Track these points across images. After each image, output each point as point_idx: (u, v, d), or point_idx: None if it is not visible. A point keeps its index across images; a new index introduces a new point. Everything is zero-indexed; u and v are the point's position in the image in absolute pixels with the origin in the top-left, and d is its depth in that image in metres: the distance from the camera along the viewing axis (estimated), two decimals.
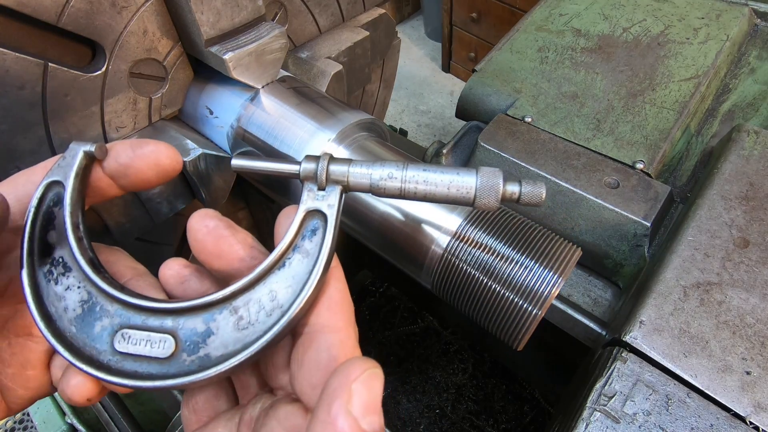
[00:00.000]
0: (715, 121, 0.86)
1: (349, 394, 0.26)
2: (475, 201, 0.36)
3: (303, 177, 0.35)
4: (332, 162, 0.36)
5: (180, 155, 0.37)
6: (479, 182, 0.36)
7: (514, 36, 0.99)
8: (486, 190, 0.36)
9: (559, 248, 0.48)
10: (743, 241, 0.61)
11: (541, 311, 0.46)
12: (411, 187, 0.36)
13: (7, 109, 0.44)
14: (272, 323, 0.31)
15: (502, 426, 1.37)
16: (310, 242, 0.34)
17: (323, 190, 0.35)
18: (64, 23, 0.45)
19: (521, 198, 0.36)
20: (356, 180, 0.36)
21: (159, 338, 0.31)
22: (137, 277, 0.37)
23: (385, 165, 0.36)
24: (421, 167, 0.36)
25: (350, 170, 0.36)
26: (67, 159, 0.34)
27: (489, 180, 0.36)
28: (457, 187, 0.36)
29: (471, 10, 2.71)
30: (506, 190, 0.36)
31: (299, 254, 0.33)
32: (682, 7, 0.98)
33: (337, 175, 0.35)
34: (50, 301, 0.33)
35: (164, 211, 0.59)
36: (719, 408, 0.50)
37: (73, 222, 0.33)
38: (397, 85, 3.02)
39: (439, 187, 0.36)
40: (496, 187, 0.36)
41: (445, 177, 0.36)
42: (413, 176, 0.36)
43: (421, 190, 0.36)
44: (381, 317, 1.58)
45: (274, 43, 0.56)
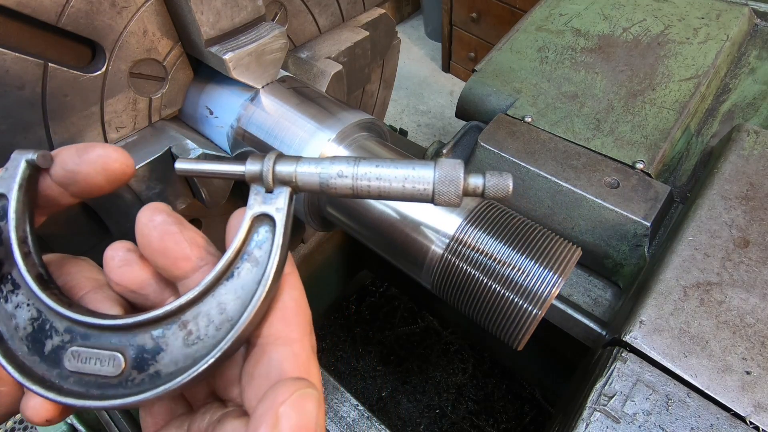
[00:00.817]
0: (715, 121, 0.86)
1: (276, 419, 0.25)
2: (434, 197, 0.33)
3: (248, 179, 0.33)
4: (279, 161, 0.33)
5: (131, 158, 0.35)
6: (437, 176, 0.32)
7: (514, 36, 0.99)
8: (445, 184, 0.32)
9: (559, 248, 0.48)
10: (743, 240, 0.61)
11: (541, 311, 0.46)
12: (363, 185, 0.33)
13: (7, 109, 0.44)
14: (221, 337, 0.30)
15: (502, 426, 1.37)
16: (259, 249, 0.32)
17: (271, 192, 0.33)
18: (64, 23, 0.45)
19: (485, 192, 0.32)
20: (304, 180, 0.33)
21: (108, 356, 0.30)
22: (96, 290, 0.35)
23: (335, 161, 0.33)
24: (374, 163, 0.33)
25: (297, 170, 0.33)
26: (9, 170, 0.32)
27: (448, 173, 0.32)
28: (413, 182, 0.33)
29: (471, 10, 2.71)
30: (468, 183, 0.33)
31: (248, 263, 0.31)
32: (682, 7, 0.98)
33: (284, 175, 0.33)
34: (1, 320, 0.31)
35: None
36: (719, 408, 0.50)
37: (18, 237, 0.32)
38: (397, 85, 3.02)
39: (394, 184, 0.33)
40: (457, 181, 0.32)
41: (399, 172, 0.33)
42: (365, 173, 0.33)
43: (374, 187, 0.33)
44: (381, 317, 1.58)
45: (274, 43, 0.56)
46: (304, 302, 0.34)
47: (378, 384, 1.47)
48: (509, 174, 0.33)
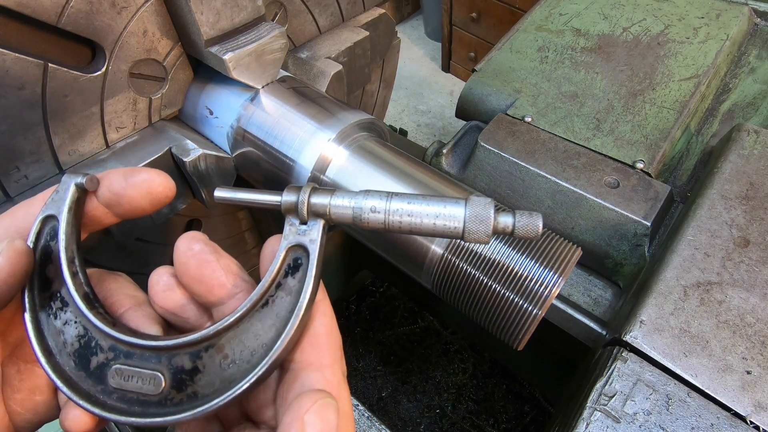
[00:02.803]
0: (715, 120, 0.86)
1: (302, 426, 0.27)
2: (464, 235, 0.33)
3: (284, 210, 0.34)
4: (314, 194, 0.34)
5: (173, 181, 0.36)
6: (468, 215, 0.33)
7: (514, 36, 0.99)
8: (475, 223, 0.33)
9: (559, 248, 0.48)
10: (743, 240, 0.61)
11: (542, 311, 0.46)
12: (395, 221, 0.34)
13: (7, 109, 0.44)
14: (256, 362, 0.31)
15: (502, 426, 1.37)
16: (293, 279, 0.33)
17: (305, 224, 0.34)
18: (64, 24, 0.45)
19: (515, 231, 0.33)
20: (338, 213, 0.34)
21: (149, 375, 0.31)
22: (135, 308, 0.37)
23: (368, 196, 0.34)
24: (406, 199, 0.34)
25: (331, 203, 0.34)
26: (60, 193, 0.34)
27: (479, 213, 0.33)
28: (444, 220, 0.33)
29: (471, 10, 2.71)
30: (498, 222, 0.33)
31: (282, 292, 0.33)
32: (682, 6, 0.98)
33: (318, 208, 0.34)
34: (51, 336, 0.33)
35: (164, 211, 0.59)
36: (719, 407, 0.50)
37: (68, 257, 0.33)
38: (397, 85, 3.02)
39: (425, 221, 0.34)
40: (487, 221, 0.33)
41: (431, 209, 0.34)
42: (397, 209, 0.34)
43: (406, 223, 0.34)
44: (381, 317, 1.58)
45: (274, 43, 0.56)
46: (335, 329, 0.35)
47: (378, 384, 1.47)
48: (539, 214, 0.34)
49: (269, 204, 0.35)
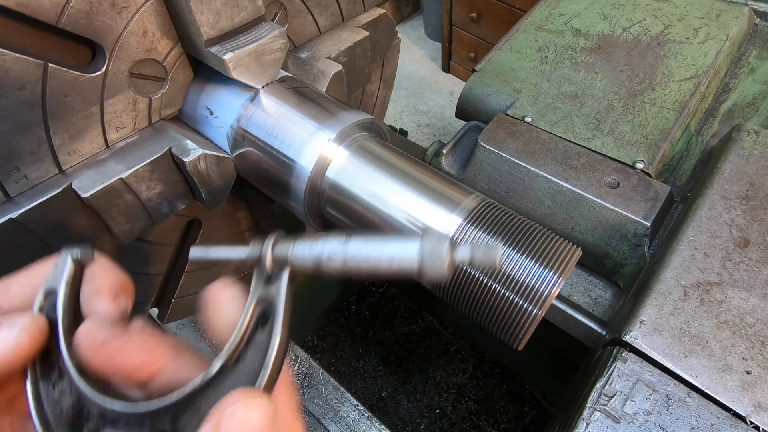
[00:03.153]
0: (715, 120, 0.86)
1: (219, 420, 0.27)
2: (421, 274, 0.33)
3: (250, 264, 0.35)
4: (276, 246, 0.35)
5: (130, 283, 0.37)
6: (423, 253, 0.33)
7: (513, 36, 0.99)
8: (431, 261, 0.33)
9: (559, 248, 0.48)
10: (743, 240, 0.61)
11: (542, 311, 0.46)
12: (353, 266, 0.35)
13: (7, 109, 0.44)
14: None
15: (502, 426, 1.37)
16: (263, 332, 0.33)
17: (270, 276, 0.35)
18: (64, 24, 0.45)
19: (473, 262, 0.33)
20: (299, 263, 0.35)
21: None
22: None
23: (327, 242, 0.35)
24: (363, 241, 0.35)
25: (292, 254, 0.35)
26: (58, 267, 0.36)
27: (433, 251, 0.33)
28: (399, 261, 0.34)
29: (471, 10, 2.71)
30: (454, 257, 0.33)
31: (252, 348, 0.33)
32: (682, 6, 0.98)
33: (281, 259, 0.35)
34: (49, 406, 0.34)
35: (164, 211, 0.59)
36: (719, 408, 0.50)
37: (65, 328, 0.34)
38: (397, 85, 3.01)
39: (381, 264, 0.34)
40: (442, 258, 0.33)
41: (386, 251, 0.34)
42: (354, 254, 0.35)
43: (363, 267, 0.35)
44: (381, 317, 1.58)
45: (273, 43, 0.56)
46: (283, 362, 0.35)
47: (378, 384, 1.47)
48: (497, 243, 0.34)
49: (237, 259, 0.36)
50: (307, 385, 0.77)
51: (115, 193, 0.53)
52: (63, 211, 0.51)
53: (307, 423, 0.74)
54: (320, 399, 0.76)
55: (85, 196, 0.50)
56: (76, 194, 0.50)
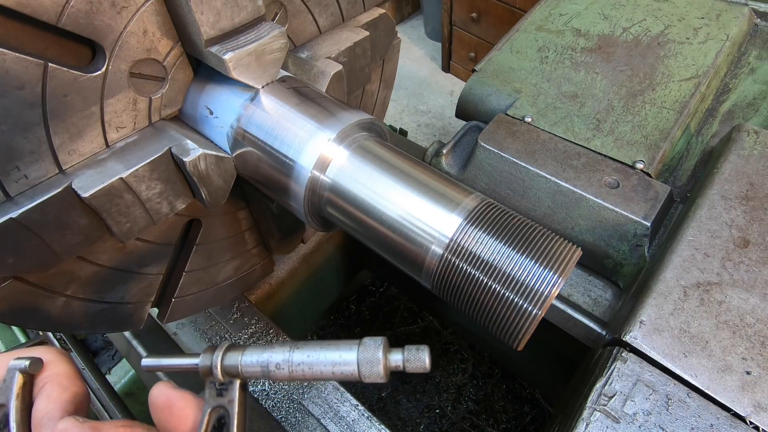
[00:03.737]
0: (715, 120, 0.86)
1: None
2: (360, 377, 0.36)
3: (202, 374, 0.37)
4: (226, 356, 0.37)
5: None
6: (360, 357, 0.36)
7: (514, 36, 0.99)
8: (367, 366, 0.36)
9: (559, 248, 0.48)
10: (743, 240, 0.61)
11: (541, 311, 0.46)
12: (299, 373, 0.37)
13: (7, 109, 0.44)
14: None
15: (502, 426, 1.37)
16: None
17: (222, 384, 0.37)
18: (64, 23, 0.45)
19: (406, 367, 0.36)
20: (249, 372, 0.37)
21: None
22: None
23: (274, 353, 0.37)
24: (306, 352, 0.37)
25: (241, 363, 0.37)
26: (6, 381, 0.36)
27: (368, 357, 0.36)
28: (341, 367, 0.37)
29: (471, 10, 2.71)
30: (389, 361, 0.36)
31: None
32: (682, 7, 0.98)
33: (231, 369, 0.37)
34: None
35: (164, 211, 0.59)
36: (719, 408, 0.50)
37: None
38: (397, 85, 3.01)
39: (324, 370, 0.37)
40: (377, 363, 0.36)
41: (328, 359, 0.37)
42: (299, 363, 0.37)
43: (308, 373, 0.37)
44: (381, 317, 1.58)
45: (274, 43, 0.56)
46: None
47: (378, 384, 1.47)
48: (425, 347, 0.37)
49: (189, 367, 0.38)
50: (307, 385, 0.77)
51: (115, 192, 0.53)
52: (63, 211, 0.51)
53: (307, 423, 0.74)
54: (320, 399, 0.76)
55: (85, 195, 0.50)
56: (76, 194, 0.50)
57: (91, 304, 0.62)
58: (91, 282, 0.60)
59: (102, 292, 0.62)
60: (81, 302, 0.60)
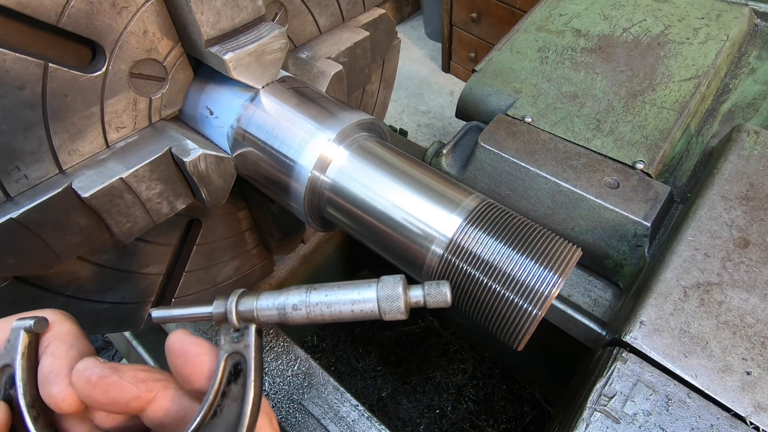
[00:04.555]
0: (715, 121, 0.86)
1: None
2: (381, 315, 0.36)
3: (216, 321, 0.36)
4: (240, 302, 0.36)
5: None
6: (380, 296, 0.36)
7: (514, 36, 0.99)
8: (388, 302, 0.35)
9: (559, 248, 0.48)
10: (743, 241, 0.61)
11: (541, 311, 0.46)
12: (317, 314, 0.36)
13: (7, 109, 0.44)
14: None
15: (502, 426, 1.37)
16: (236, 385, 0.35)
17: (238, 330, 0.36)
18: (64, 24, 0.45)
19: (426, 302, 0.36)
20: (265, 316, 0.36)
21: None
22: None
23: (290, 295, 0.37)
24: (324, 292, 0.36)
25: (257, 308, 0.36)
26: (11, 341, 0.35)
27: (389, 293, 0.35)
28: (360, 305, 0.36)
29: (471, 10, 2.71)
30: (410, 298, 0.36)
31: (228, 399, 0.34)
32: (682, 7, 0.98)
33: (246, 314, 0.36)
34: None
35: (164, 211, 0.59)
36: (719, 408, 0.50)
37: (27, 402, 0.34)
38: (397, 85, 3.02)
39: (344, 307, 0.36)
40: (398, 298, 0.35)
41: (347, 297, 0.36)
42: (317, 303, 0.36)
43: (327, 313, 0.36)
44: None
45: (274, 43, 0.56)
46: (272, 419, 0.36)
47: (378, 384, 1.47)
48: (446, 282, 0.36)
49: (202, 316, 0.37)
50: (307, 385, 0.77)
51: (115, 193, 0.53)
52: (63, 211, 0.51)
53: (307, 423, 0.74)
54: (320, 399, 0.76)
55: (85, 195, 0.50)
56: (76, 194, 0.50)
57: (91, 304, 0.62)
58: (91, 282, 0.60)
59: (102, 292, 0.62)
60: (81, 302, 0.60)
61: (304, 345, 1.54)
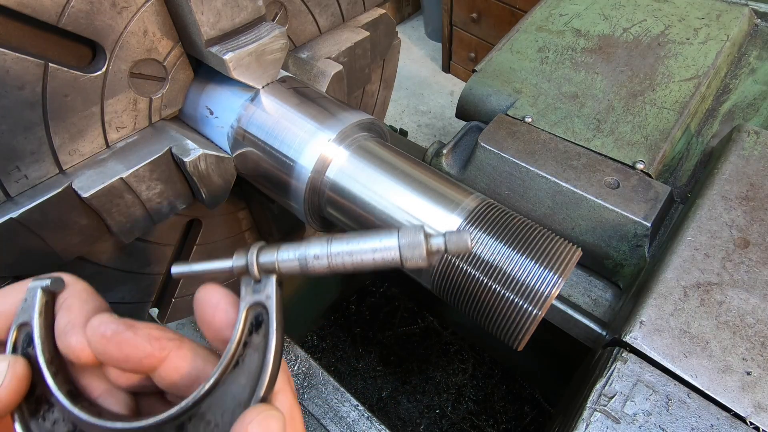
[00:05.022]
0: (716, 121, 0.86)
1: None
2: (402, 263, 0.36)
3: (237, 273, 0.36)
4: (261, 253, 0.37)
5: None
6: (401, 242, 0.36)
7: (514, 36, 0.99)
8: (410, 250, 0.35)
9: (559, 248, 0.48)
10: (743, 241, 0.61)
11: (541, 311, 0.46)
12: (338, 262, 0.36)
13: (7, 109, 0.44)
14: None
15: (502, 426, 1.37)
16: (258, 335, 0.35)
17: (259, 281, 0.36)
18: (65, 23, 0.45)
19: (448, 249, 0.36)
20: (286, 266, 0.36)
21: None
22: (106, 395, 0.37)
23: (310, 245, 0.37)
24: (344, 240, 0.37)
25: (278, 259, 0.36)
26: (28, 300, 0.36)
27: (411, 240, 0.36)
28: (381, 253, 0.36)
29: (471, 10, 2.71)
30: (431, 244, 0.36)
31: (249, 350, 0.34)
32: (682, 7, 0.98)
33: (268, 265, 0.36)
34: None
35: (164, 211, 0.59)
36: (719, 408, 0.50)
37: (46, 359, 0.34)
38: (397, 85, 3.01)
39: (365, 255, 0.36)
40: (420, 245, 0.35)
41: (368, 246, 0.36)
42: (338, 249, 0.36)
43: (348, 262, 0.36)
44: (381, 317, 1.58)
45: (274, 43, 0.56)
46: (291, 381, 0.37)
47: (378, 384, 1.47)
48: (467, 230, 0.36)
49: (222, 270, 0.37)
50: (307, 385, 0.77)
51: (115, 192, 0.53)
52: (63, 211, 0.51)
53: (307, 423, 0.74)
54: (320, 399, 0.76)
55: (86, 195, 0.50)
56: (77, 194, 0.50)
57: None
58: (91, 282, 0.60)
59: (102, 292, 0.62)
60: None
61: (304, 345, 1.54)
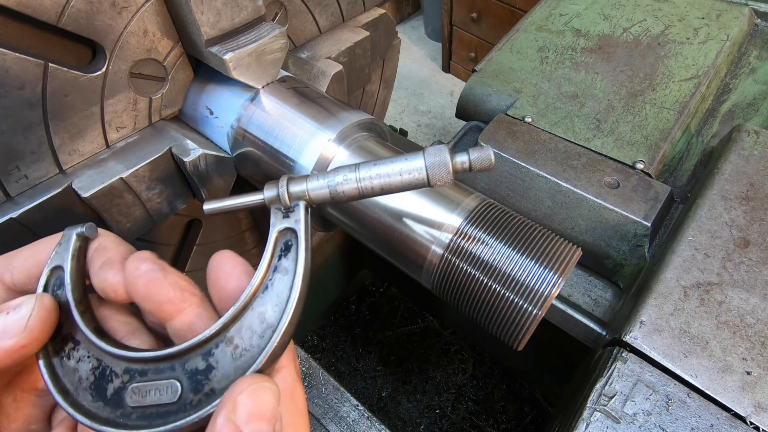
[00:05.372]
0: (716, 121, 0.86)
1: (234, 405, 0.28)
2: (429, 181, 0.37)
3: (268, 203, 0.37)
4: (291, 182, 0.38)
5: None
6: (428, 163, 0.37)
7: (514, 36, 0.99)
8: (436, 168, 0.37)
9: (559, 248, 0.48)
10: (743, 241, 0.61)
11: (542, 311, 0.46)
12: (367, 185, 0.37)
13: (7, 109, 0.44)
14: (265, 344, 0.33)
15: (502, 426, 1.37)
16: (287, 260, 0.36)
17: (288, 209, 0.37)
18: (65, 23, 0.45)
19: (472, 166, 0.37)
20: (316, 192, 0.38)
21: (165, 385, 0.33)
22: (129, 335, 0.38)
23: (339, 171, 0.38)
24: (372, 165, 0.38)
25: (308, 185, 0.38)
26: (62, 244, 0.37)
27: (437, 158, 0.37)
28: (408, 172, 0.37)
29: (471, 10, 2.71)
30: (456, 162, 0.37)
31: (279, 273, 0.35)
32: (682, 7, 0.98)
33: (298, 193, 0.37)
34: (66, 376, 0.35)
35: (164, 211, 0.59)
36: (719, 408, 0.50)
37: (75, 298, 0.35)
38: (397, 85, 3.01)
39: (392, 178, 0.37)
40: (446, 163, 0.36)
41: (395, 167, 0.37)
42: (366, 173, 0.37)
43: (377, 184, 0.37)
44: (381, 317, 1.58)
45: (274, 43, 0.56)
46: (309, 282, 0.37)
47: (378, 384, 1.47)
48: (489, 146, 0.37)
49: (254, 203, 0.38)
50: (307, 384, 0.77)
51: (115, 192, 0.53)
52: (63, 211, 0.51)
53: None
54: (320, 399, 0.76)
55: (86, 195, 0.50)
56: (77, 194, 0.50)
57: None
58: None
59: None
60: None
61: (304, 345, 1.54)
